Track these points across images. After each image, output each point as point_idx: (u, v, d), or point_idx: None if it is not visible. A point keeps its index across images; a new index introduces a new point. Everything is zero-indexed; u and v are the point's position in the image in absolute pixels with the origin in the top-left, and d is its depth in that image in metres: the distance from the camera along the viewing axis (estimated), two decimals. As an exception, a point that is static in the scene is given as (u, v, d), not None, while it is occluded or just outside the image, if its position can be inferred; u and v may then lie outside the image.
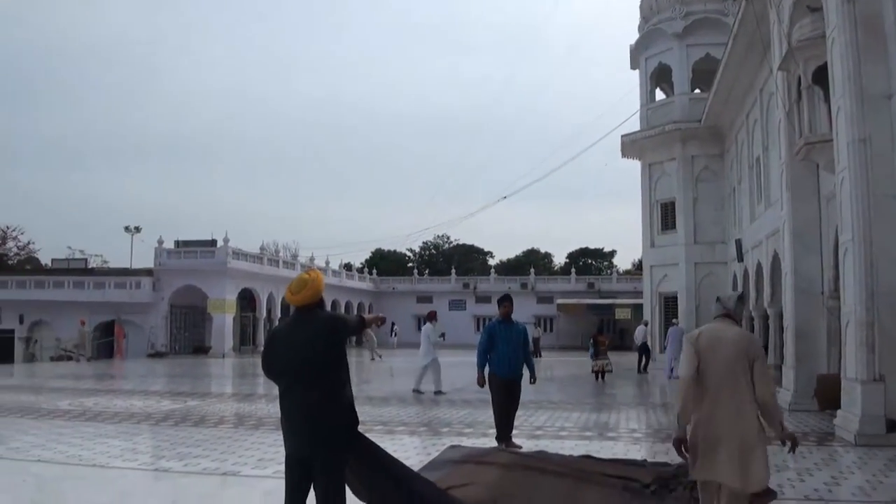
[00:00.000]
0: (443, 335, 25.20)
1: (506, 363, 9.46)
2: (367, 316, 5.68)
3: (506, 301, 9.80)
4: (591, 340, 23.09)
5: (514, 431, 9.88)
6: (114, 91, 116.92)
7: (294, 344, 5.37)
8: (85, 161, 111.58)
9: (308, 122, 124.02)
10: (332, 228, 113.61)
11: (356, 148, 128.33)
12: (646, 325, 27.18)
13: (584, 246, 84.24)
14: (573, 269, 66.17)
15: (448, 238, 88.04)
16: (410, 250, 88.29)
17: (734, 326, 4.67)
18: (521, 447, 9.30)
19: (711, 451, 4.39)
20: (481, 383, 9.65)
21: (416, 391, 16.73)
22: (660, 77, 30.32)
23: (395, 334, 50.52)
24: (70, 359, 36.25)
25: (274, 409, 13.92)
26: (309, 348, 5.29)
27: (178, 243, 43.30)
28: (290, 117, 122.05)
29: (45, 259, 64.69)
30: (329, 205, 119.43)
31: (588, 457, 8.41)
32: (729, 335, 4.55)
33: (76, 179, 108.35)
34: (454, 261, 76.43)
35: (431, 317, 18.24)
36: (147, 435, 11.15)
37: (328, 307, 5.71)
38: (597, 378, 21.44)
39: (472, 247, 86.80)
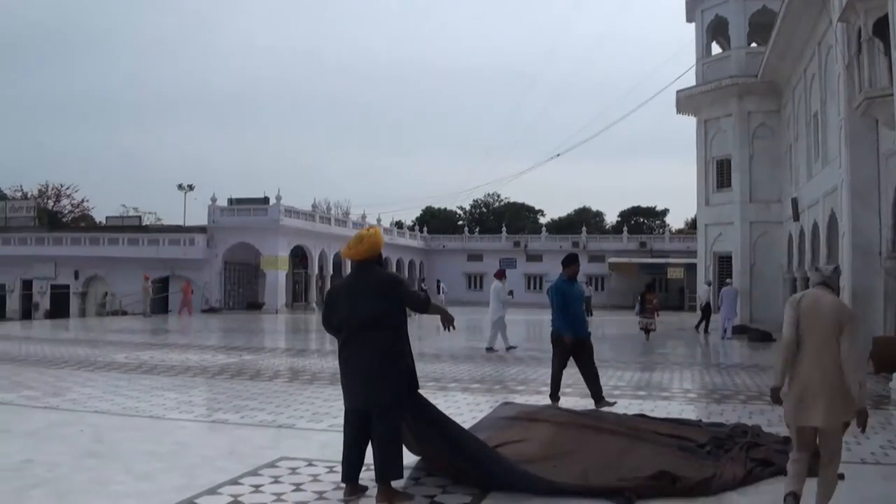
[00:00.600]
0: (511, 293, 25.39)
1: (579, 322, 9.49)
2: (437, 304, 5.70)
3: (574, 262, 9.73)
4: (639, 298, 23.63)
5: (567, 390, 9.87)
6: (169, 48, 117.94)
7: (352, 299, 5.41)
8: (139, 119, 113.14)
9: (362, 76, 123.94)
10: (383, 186, 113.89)
11: (408, 103, 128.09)
12: (709, 284, 26.77)
13: (636, 204, 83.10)
14: (625, 228, 65.48)
15: (499, 196, 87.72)
16: (461, 208, 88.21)
17: (830, 294, 5.07)
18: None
19: (806, 401, 4.82)
20: (569, 343, 9.39)
21: (490, 349, 16.76)
22: (716, 30, 29.49)
23: (443, 292, 50.56)
24: (125, 313, 37.11)
25: (327, 363, 14.14)
26: (366, 303, 5.32)
27: (231, 201, 43.78)
28: (344, 72, 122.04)
29: (99, 217, 65.95)
30: (380, 162, 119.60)
31: (642, 416, 8.34)
32: (826, 302, 4.97)
33: (131, 138, 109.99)
34: (505, 219, 76.00)
35: (500, 275, 18.25)
36: (203, 388, 11.35)
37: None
38: (646, 335, 21.62)
39: (522, 205, 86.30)
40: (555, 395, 9.50)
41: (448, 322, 5.73)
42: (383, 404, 5.24)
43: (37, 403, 9.51)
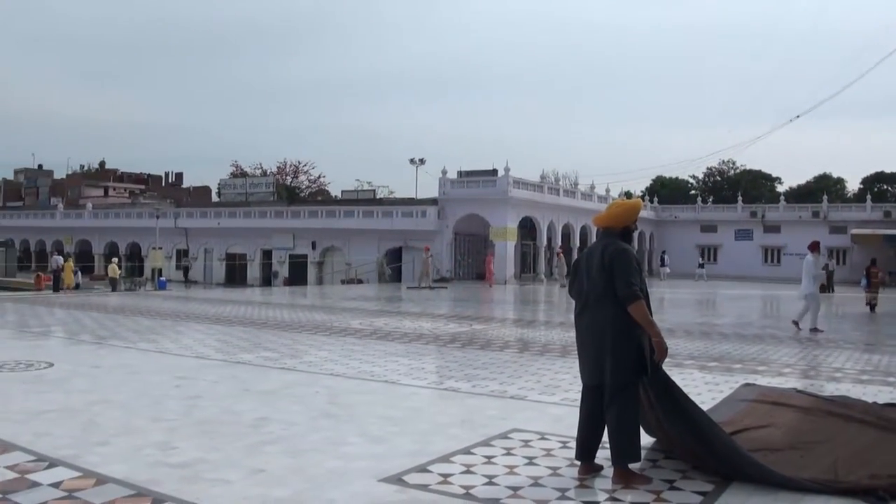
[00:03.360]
0: (826, 267, 24.15)
1: None
2: (647, 316, 4.93)
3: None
4: (865, 272, 24.00)
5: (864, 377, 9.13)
6: (401, 28, 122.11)
7: (587, 268, 5.20)
8: (373, 98, 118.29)
9: (589, 46, 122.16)
10: (611, 156, 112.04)
11: (635, 71, 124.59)
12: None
13: (880, 170, 76.07)
14: (868, 196, 60.12)
15: (733, 163, 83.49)
16: (693, 177, 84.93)
17: None
18: None
19: None
20: None
21: (795, 323, 15.67)
22: None
23: (666, 264, 48.65)
24: (360, 282, 38.92)
25: (556, 335, 14.01)
26: (594, 275, 5.08)
27: (460, 173, 44.70)
28: (570, 43, 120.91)
29: (335, 191, 70.00)
30: (609, 131, 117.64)
31: (892, 405, 7.45)
32: None
33: (365, 116, 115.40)
34: (740, 187, 72.20)
35: (814, 247, 16.22)
36: (434, 356, 11.56)
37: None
38: (871, 309, 21.20)
39: (758, 172, 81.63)
40: None
41: (660, 351, 4.96)
42: (613, 382, 4.97)
43: (274, 364, 10.05)
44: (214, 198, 79.01)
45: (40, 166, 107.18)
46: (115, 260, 38.75)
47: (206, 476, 5.01)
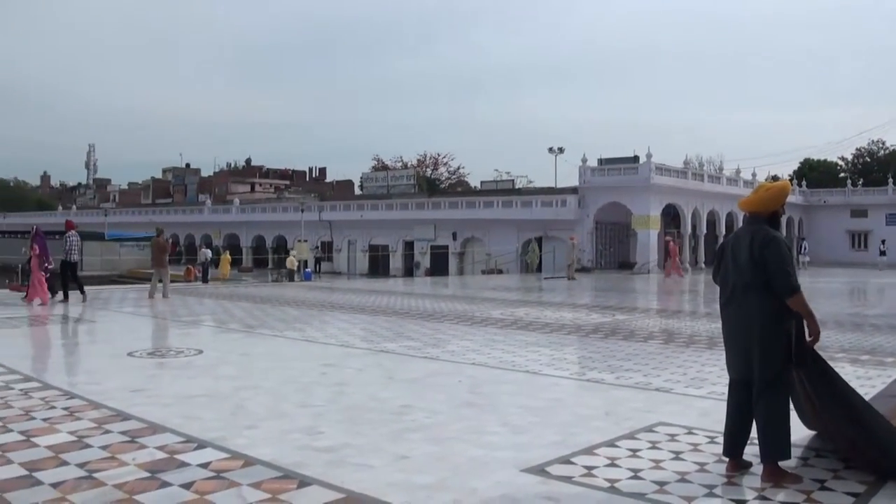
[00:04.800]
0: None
1: None
2: (806, 303, 4.70)
3: None
4: None
5: None
6: (535, 18, 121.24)
7: (733, 256, 4.96)
8: (509, 89, 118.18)
9: (727, 25, 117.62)
10: (756, 139, 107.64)
11: (776, 51, 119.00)
12: None
13: None
14: None
15: (883, 143, 78.33)
16: (842, 159, 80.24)
17: None
18: None
19: None
20: None
21: None
22: None
23: (805, 251, 45.97)
24: (501, 272, 38.94)
25: (702, 326, 13.55)
26: (740, 264, 4.83)
27: (600, 161, 44.07)
28: (706, 25, 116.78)
29: (473, 182, 70.48)
30: (753, 114, 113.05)
31: None
32: None
33: (501, 105, 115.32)
34: (890, 169, 67.68)
35: None
36: (576, 346, 11.40)
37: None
38: None
39: (910, 152, 76.25)
40: None
41: (813, 335, 4.74)
42: (762, 377, 4.71)
43: (417, 353, 10.14)
44: (357, 191, 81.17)
45: (188, 165, 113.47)
46: (294, 253, 40.30)
47: (351, 461, 5.10)
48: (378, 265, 52.26)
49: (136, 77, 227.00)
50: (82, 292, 17.82)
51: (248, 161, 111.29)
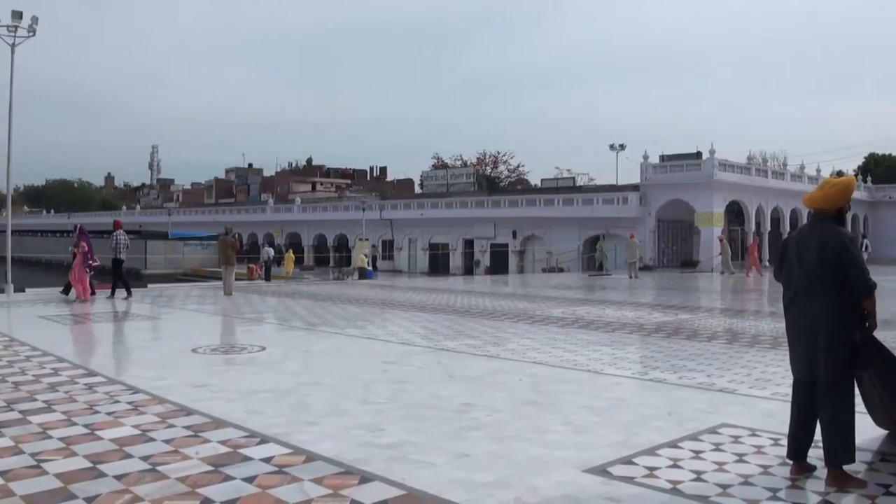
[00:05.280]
0: None
1: None
2: (875, 308, 4.72)
3: None
4: None
5: None
6: (588, 16, 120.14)
7: (798, 255, 4.87)
8: (568, 87, 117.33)
9: (791, 18, 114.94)
10: (821, 133, 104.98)
11: (840, 41, 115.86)
12: None
13: None
14: None
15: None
16: (909, 153, 77.54)
17: None
18: None
19: None
20: None
21: None
22: None
23: (867, 249, 44.23)
24: (561, 270, 38.69)
25: (767, 326, 13.29)
26: (807, 264, 4.74)
27: (663, 157, 43.49)
28: (771, 18, 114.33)
29: (534, 180, 70.18)
30: (818, 109, 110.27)
31: None
32: None
33: (561, 102, 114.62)
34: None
35: None
36: (638, 345, 11.30)
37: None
38: None
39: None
40: None
41: (871, 328, 4.74)
42: (826, 379, 4.63)
43: (477, 351, 10.16)
44: (417, 189, 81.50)
45: (250, 165, 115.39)
46: (366, 251, 40.80)
47: (412, 458, 5.15)
48: (438, 263, 52.47)
49: (199, 79, 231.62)
50: (127, 290, 18.38)
51: (310, 161, 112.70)
